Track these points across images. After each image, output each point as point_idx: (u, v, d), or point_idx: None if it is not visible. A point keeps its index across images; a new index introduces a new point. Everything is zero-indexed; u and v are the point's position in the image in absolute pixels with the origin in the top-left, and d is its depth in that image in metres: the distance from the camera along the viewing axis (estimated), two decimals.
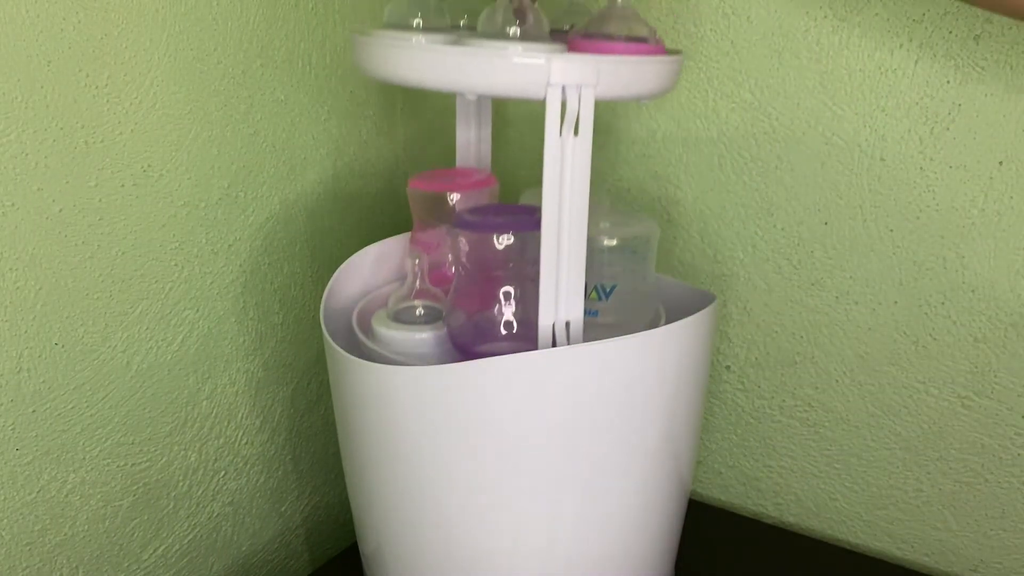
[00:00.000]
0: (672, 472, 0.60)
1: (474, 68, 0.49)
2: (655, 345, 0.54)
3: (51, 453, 0.63)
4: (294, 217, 0.79)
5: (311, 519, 0.89)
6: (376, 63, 0.52)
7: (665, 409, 0.57)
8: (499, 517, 0.56)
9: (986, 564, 0.73)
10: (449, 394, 0.53)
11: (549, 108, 0.48)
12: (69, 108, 0.59)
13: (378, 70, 0.52)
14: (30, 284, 0.59)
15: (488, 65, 0.48)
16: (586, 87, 0.49)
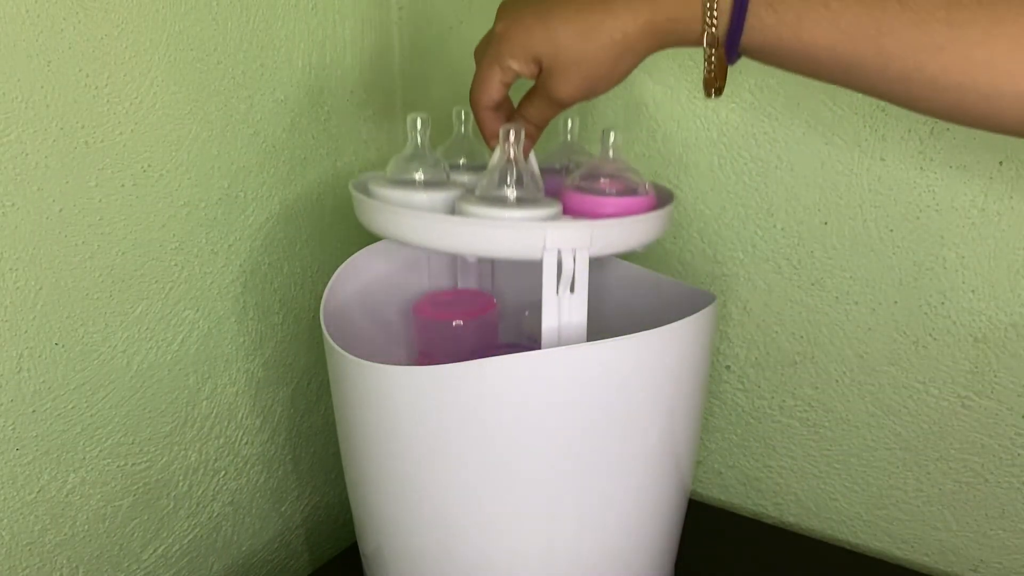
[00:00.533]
0: (672, 472, 0.60)
1: (474, 235, 0.52)
2: (655, 345, 0.54)
3: (51, 453, 0.63)
4: (294, 217, 0.79)
5: (311, 519, 0.89)
6: (381, 224, 0.55)
7: (665, 409, 0.57)
8: (499, 516, 0.56)
9: (986, 564, 0.73)
10: (449, 394, 0.53)
11: (546, 270, 0.51)
12: (69, 108, 0.59)
13: (384, 230, 0.56)
14: (30, 284, 0.59)
15: (488, 232, 0.52)
16: (580, 249, 0.51)
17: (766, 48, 0.47)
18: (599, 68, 0.50)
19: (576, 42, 0.49)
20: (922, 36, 0.43)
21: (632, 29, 0.48)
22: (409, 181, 0.57)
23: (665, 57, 0.73)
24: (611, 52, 0.49)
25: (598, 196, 0.55)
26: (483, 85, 0.54)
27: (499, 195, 0.53)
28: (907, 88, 0.45)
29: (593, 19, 0.48)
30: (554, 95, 0.52)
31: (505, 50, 0.51)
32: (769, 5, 0.46)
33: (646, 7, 0.48)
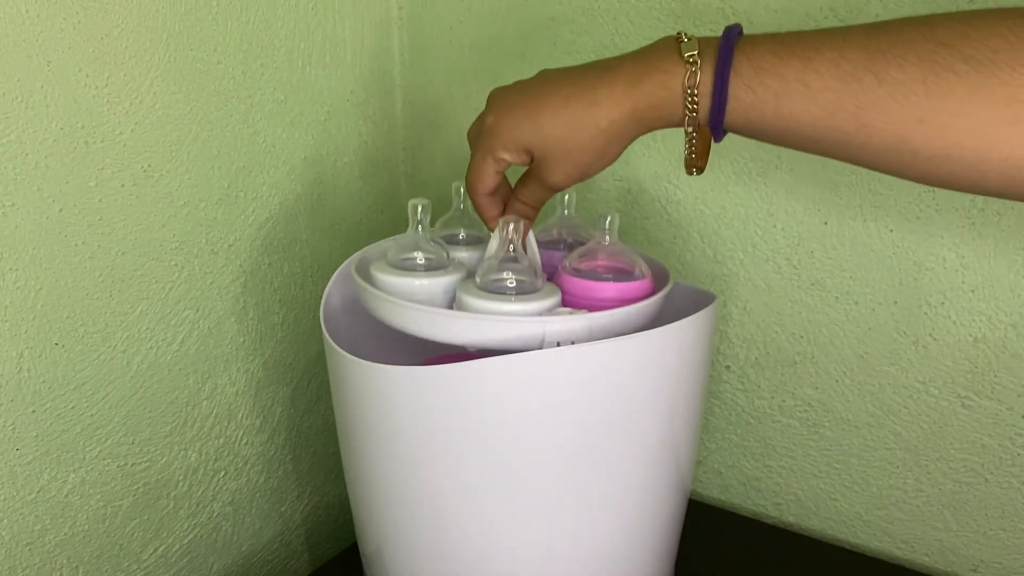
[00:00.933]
0: (672, 472, 0.60)
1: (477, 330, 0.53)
2: (655, 345, 0.54)
3: (51, 453, 0.63)
4: (294, 217, 0.79)
5: (311, 519, 0.89)
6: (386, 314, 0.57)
7: (665, 409, 0.57)
8: (499, 516, 0.56)
9: (986, 564, 0.73)
10: (449, 394, 0.53)
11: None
12: (69, 108, 0.59)
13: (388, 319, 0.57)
14: (30, 284, 0.59)
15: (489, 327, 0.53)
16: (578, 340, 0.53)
17: (749, 126, 0.48)
18: (589, 156, 0.52)
19: (564, 134, 0.51)
20: (902, 110, 0.43)
21: (617, 117, 0.50)
22: (410, 266, 0.58)
23: None
24: (599, 141, 0.51)
25: (595, 281, 0.57)
26: (478, 175, 0.56)
27: (499, 286, 0.55)
28: (892, 159, 0.46)
29: (579, 111, 0.50)
30: (547, 182, 0.54)
31: (497, 143, 0.53)
32: (748, 87, 0.46)
33: (628, 96, 0.49)
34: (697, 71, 0.47)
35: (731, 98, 0.47)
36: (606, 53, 0.76)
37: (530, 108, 0.52)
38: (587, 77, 0.51)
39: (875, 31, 0.45)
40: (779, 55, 0.46)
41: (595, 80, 0.50)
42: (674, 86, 0.48)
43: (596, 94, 0.50)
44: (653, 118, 0.50)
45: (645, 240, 0.79)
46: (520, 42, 0.80)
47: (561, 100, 0.51)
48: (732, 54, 0.47)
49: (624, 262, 0.58)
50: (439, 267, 0.58)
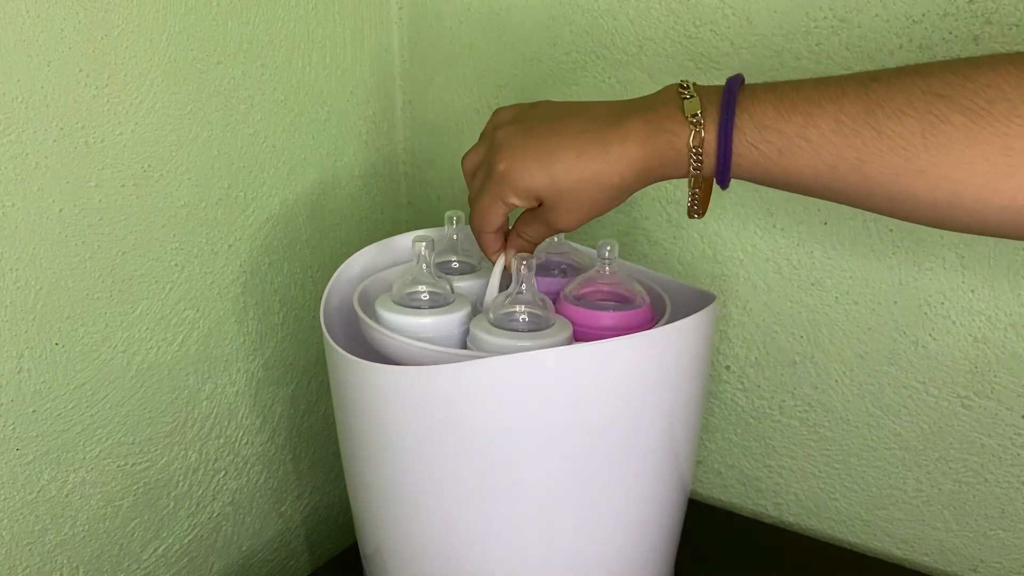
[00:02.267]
0: (672, 472, 0.60)
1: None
2: (655, 345, 0.54)
3: (51, 453, 0.63)
4: (294, 217, 0.79)
5: (311, 519, 0.89)
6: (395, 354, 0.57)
7: (665, 409, 0.57)
8: (499, 516, 0.56)
9: (986, 564, 0.73)
10: (449, 394, 0.53)
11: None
12: (69, 108, 0.59)
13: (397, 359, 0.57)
14: (30, 284, 0.59)
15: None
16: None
17: (754, 178, 0.50)
18: (598, 206, 0.54)
19: (577, 188, 0.52)
20: (902, 162, 0.45)
21: (628, 174, 0.52)
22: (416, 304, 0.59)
23: (664, 59, 0.73)
24: (609, 194, 0.53)
25: (594, 311, 0.57)
26: (486, 216, 0.57)
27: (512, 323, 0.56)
28: (895, 207, 0.47)
29: (592, 168, 0.52)
30: (555, 226, 0.56)
31: (508, 189, 0.54)
32: (751, 144, 0.48)
33: (640, 152, 0.51)
34: (701, 131, 0.49)
35: (735, 155, 0.49)
36: (606, 53, 0.76)
37: (542, 159, 0.53)
38: (599, 132, 0.52)
39: (872, 83, 0.46)
40: (780, 111, 0.47)
41: (607, 135, 0.52)
42: (680, 146, 0.50)
43: (609, 152, 0.51)
44: (661, 174, 0.52)
45: (645, 240, 0.79)
46: (520, 42, 0.80)
47: (574, 155, 0.52)
48: (734, 112, 0.48)
49: (624, 290, 0.59)
50: (444, 304, 0.59)
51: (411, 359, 0.55)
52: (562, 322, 0.56)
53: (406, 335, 0.56)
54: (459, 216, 0.65)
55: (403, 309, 0.58)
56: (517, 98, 0.82)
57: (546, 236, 0.58)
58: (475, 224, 0.58)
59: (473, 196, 0.58)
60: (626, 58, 0.75)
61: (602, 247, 0.59)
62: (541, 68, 0.80)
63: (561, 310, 0.58)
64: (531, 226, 0.58)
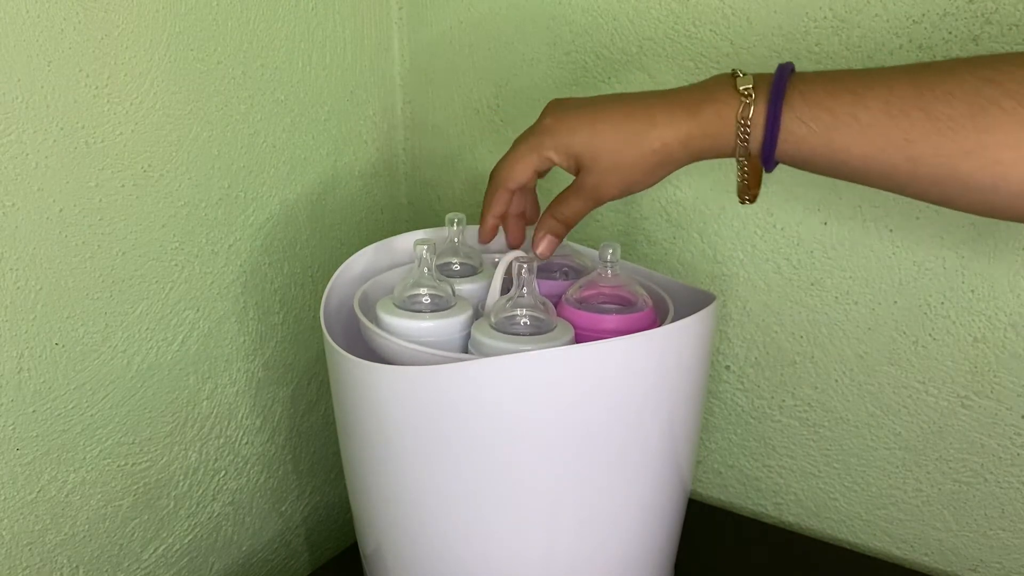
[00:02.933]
0: (672, 472, 0.60)
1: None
2: (655, 345, 0.54)
3: (51, 453, 0.63)
4: (294, 217, 0.79)
5: (311, 519, 0.89)
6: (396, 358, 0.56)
7: (665, 409, 0.57)
8: (499, 516, 0.56)
9: (986, 564, 0.73)
10: (448, 393, 0.53)
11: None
12: (69, 108, 0.59)
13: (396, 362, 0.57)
14: (30, 284, 0.59)
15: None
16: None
17: (799, 158, 0.50)
18: (637, 174, 0.53)
19: (618, 148, 0.52)
20: (950, 143, 0.45)
21: (671, 140, 0.51)
22: (417, 308, 0.58)
23: (664, 59, 0.73)
24: (650, 160, 0.52)
25: (597, 313, 0.57)
26: (516, 165, 0.56)
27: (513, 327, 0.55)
28: (940, 190, 0.47)
29: (637, 127, 0.52)
30: (593, 193, 0.55)
31: (548, 142, 0.54)
32: (799, 119, 0.48)
33: (686, 121, 0.51)
34: (751, 103, 0.49)
35: (783, 130, 0.49)
36: (605, 53, 0.76)
37: (590, 117, 0.53)
38: (647, 100, 0.53)
39: (923, 70, 0.47)
40: (830, 91, 0.48)
41: (655, 103, 0.52)
42: (728, 117, 0.50)
43: (654, 115, 0.52)
44: (705, 147, 0.52)
45: (645, 240, 0.79)
46: (520, 42, 0.80)
47: (621, 115, 0.52)
48: (785, 88, 0.49)
49: (627, 293, 0.59)
50: (446, 308, 0.59)
51: (412, 363, 0.55)
52: (564, 325, 0.56)
53: (407, 339, 0.56)
54: (460, 218, 0.65)
55: (404, 313, 0.58)
56: (517, 98, 0.82)
57: (581, 211, 0.57)
58: (499, 175, 0.57)
59: (507, 156, 0.57)
60: (626, 58, 0.75)
61: (604, 249, 0.58)
62: (541, 68, 0.80)
63: (563, 313, 0.58)
64: (566, 203, 0.57)
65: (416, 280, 0.59)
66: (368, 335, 0.58)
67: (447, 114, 0.87)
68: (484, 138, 0.86)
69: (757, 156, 0.51)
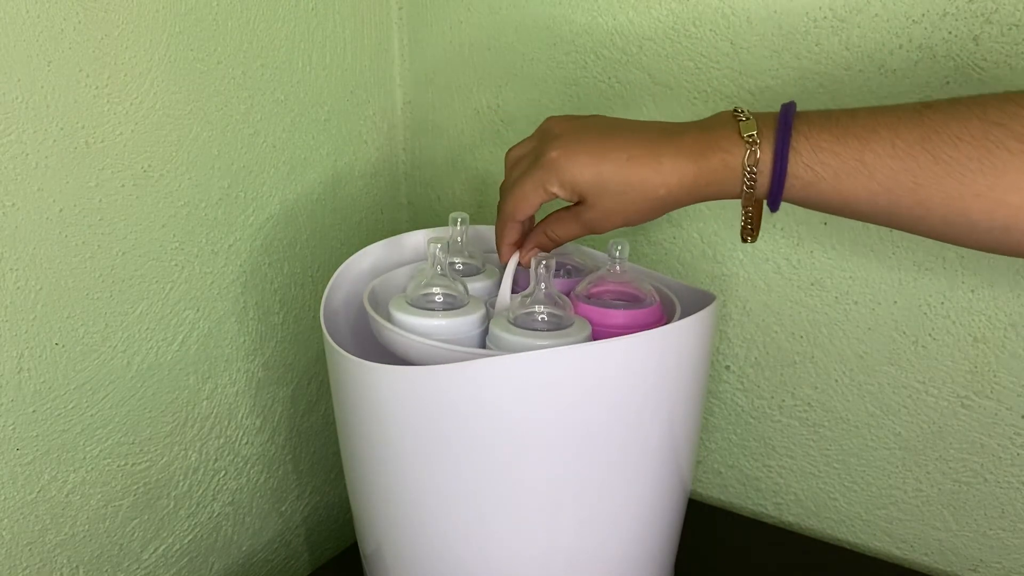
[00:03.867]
0: (673, 472, 0.60)
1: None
2: (655, 345, 0.54)
3: (51, 453, 0.63)
4: (294, 217, 0.79)
5: (311, 519, 0.89)
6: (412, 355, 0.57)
7: (666, 409, 0.57)
8: (499, 516, 0.56)
9: (986, 564, 0.73)
10: (448, 393, 0.53)
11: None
12: (69, 108, 0.59)
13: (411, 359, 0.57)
14: (30, 284, 0.59)
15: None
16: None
17: (806, 200, 0.50)
18: (638, 216, 0.54)
19: (623, 191, 0.52)
20: (958, 186, 0.45)
21: (676, 187, 0.51)
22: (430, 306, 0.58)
23: (664, 58, 0.73)
24: (653, 204, 0.53)
25: (605, 308, 0.57)
26: (522, 202, 0.56)
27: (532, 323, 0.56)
28: (949, 231, 0.47)
29: (643, 173, 0.52)
30: (590, 225, 0.55)
31: (553, 177, 0.54)
32: (806, 165, 0.48)
33: (691, 167, 0.51)
34: (756, 150, 0.49)
35: (790, 175, 0.49)
36: (605, 53, 0.76)
37: (595, 155, 0.53)
38: (653, 141, 0.52)
39: (927, 110, 0.47)
40: (835, 135, 0.48)
41: (661, 146, 0.52)
42: (734, 164, 0.50)
43: (661, 161, 0.51)
44: (711, 193, 0.52)
45: (645, 240, 0.79)
46: (520, 42, 0.81)
47: (626, 157, 0.52)
48: (790, 133, 0.49)
49: (635, 289, 0.59)
50: (460, 306, 0.59)
51: (429, 360, 0.55)
52: (581, 322, 0.56)
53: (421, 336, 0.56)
54: (464, 218, 0.65)
55: (418, 311, 0.58)
56: (517, 98, 0.82)
57: (575, 236, 0.57)
58: (507, 209, 0.57)
59: (511, 182, 0.57)
60: (626, 58, 0.75)
61: (612, 246, 0.59)
62: (541, 68, 0.80)
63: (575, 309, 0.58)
64: (562, 224, 0.57)
65: (429, 278, 0.59)
66: (382, 333, 0.58)
67: (447, 114, 0.87)
68: (484, 138, 0.86)
69: (762, 200, 0.51)
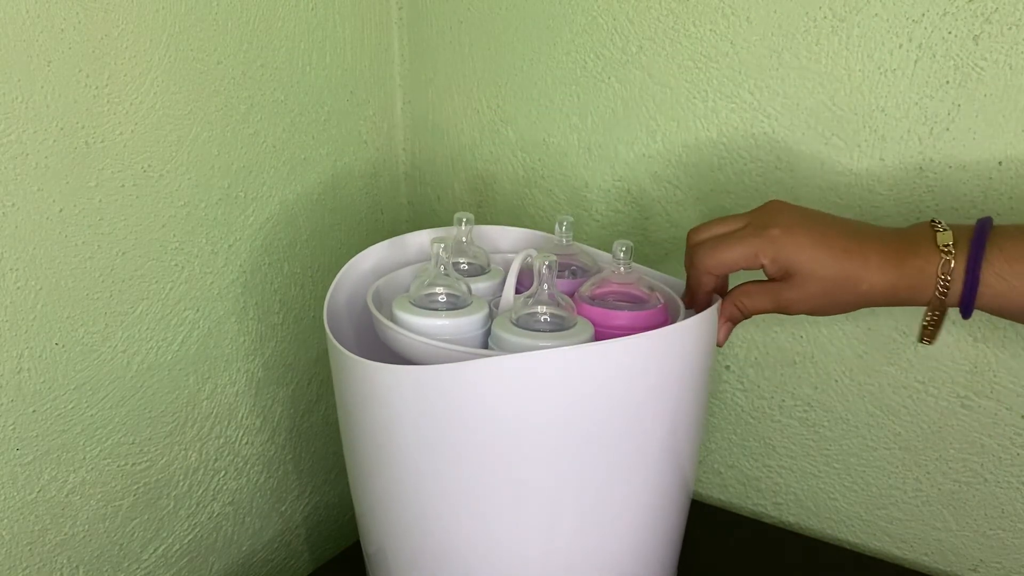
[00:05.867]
0: (675, 473, 0.60)
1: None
2: (657, 346, 0.54)
3: (51, 453, 0.63)
4: (294, 217, 0.79)
5: (311, 519, 0.89)
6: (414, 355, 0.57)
7: (668, 410, 0.57)
8: (501, 516, 0.56)
9: (985, 564, 0.73)
10: (452, 394, 0.53)
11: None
12: (69, 108, 0.59)
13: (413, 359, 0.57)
14: (30, 284, 0.59)
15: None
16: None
17: (998, 308, 0.53)
18: (834, 306, 0.56)
19: (830, 278, 0.54)
20: None
21: (878, 287, 0.54)
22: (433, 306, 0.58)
23: (664, 58, 0.73)
24: (852, 299, 0.55)
25: (609, 310, 0.57)
26: (727, 260, 0.56)
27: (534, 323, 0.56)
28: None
29: (852, 267, 0.54)
30: (784, 305, 0.57)
31: (770, 250, 0.55)
32: (999, 275, 0.51)
33: (893, 272, 0.53)
34: (951, 260, 0.52)
35: (982, 284, 0.51)
36: (605, 53, 0.76)
37: (815, 241, 0.54)
38: (863, 240, 0.54)
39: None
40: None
41: (871, 244, 0.54)
42: (929, 272, 0.53)
43: (869, 259, 0.54)
44: (905, 298, 0.54)
45: (645, 241, 0.79)
46: (520, 42, 0.81)
47: (841, 249, 0.54)
48: (984, 244, 0.51)
49: (639, 290, 0.59)
50: (463, 306, 0.59)
51: (431, 360, 0.55)
52: (583, 323, 0.56)
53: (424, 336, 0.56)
54: (468, 218, 0.64)
55: (421, 311, 0.58)
56: (517, 98, 0.82)
57: (764, 311, 0.58)
58: (708, 262, 0.57)
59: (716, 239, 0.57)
60: (626, 58, 0.75)
61: (617, 247, 0.58)
62: (541, 68, 0.80)
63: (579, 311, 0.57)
64: (754, 298, 0.58)
65: (432, 278, 0.59)
66: (387, 333, 0.58)
67: (447, 114, 0.87)
68: (484, 138, 0.86)
69: (952, 306, 0.53)
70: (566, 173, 0.82)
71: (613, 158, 0.79)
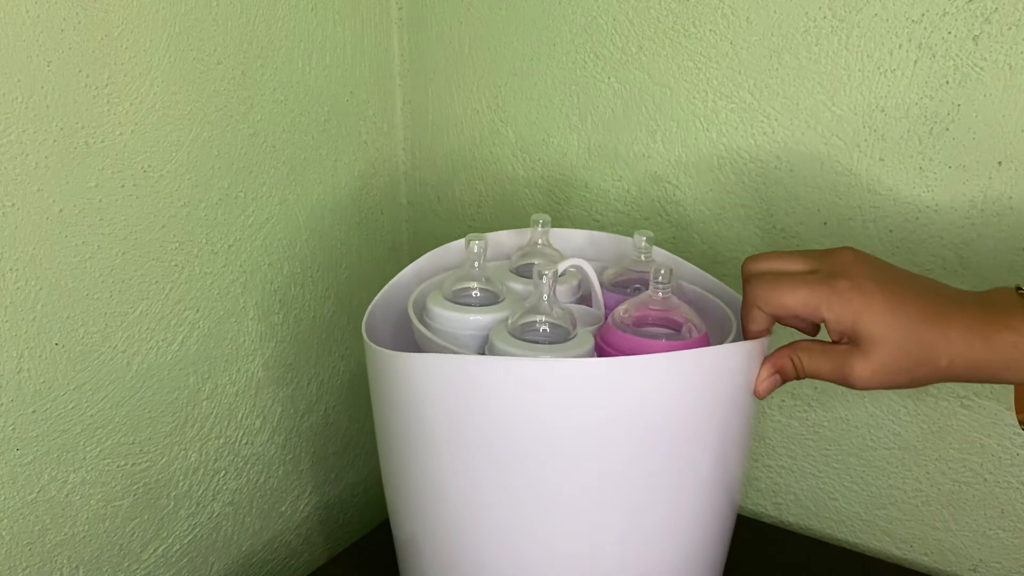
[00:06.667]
0: (723, 491, 0.57)
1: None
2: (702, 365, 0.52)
3: (51, 453, 0.63)
4: (294, 217, 0.79)
5: (311, 519, 0.89)
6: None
7: (718, 427, 0.54)
8: (540, 525, 0.54)
9: (985, 564, 0.73)
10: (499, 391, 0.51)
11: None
12: (69, 108, 0.59)
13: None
14: (30, 284, 0.59)
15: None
16: None
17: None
18: (910, 380, 0.49)
19: (905, 349, 0.48)
20: None
21: (959, 362, 0.47)
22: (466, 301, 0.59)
23: (664, 59, 0.73)
24: (929, 372, 0.48)
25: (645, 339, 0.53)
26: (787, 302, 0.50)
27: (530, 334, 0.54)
28: None
29: (930, 337, 0.47)
30: (848, 376, 0.49)
31: (836, 305, 0.48)
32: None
33: (982, 346, 0.47)
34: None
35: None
36: (605, 53, 0.76)
37: (890, 306, 0.48)
38: (944, 306, 0.48)
39: None
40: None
41: (951, 314, 0.48)
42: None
43: (950, 329, 0.47)
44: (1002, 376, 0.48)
45: None
46: (520, 42, 0.81)
47: (918, 315, 0.48)
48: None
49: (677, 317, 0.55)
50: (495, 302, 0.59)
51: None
52: (583, 336, 0.54)
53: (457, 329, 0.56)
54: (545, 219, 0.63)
55: (453, 305, 0.57)
56: (517, 98, 0.82)
57: (824, 378, 0.51)
58: (762, 297, 0.51)
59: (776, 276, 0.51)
60: (626, 58, 0.75)
61: (655, 270, 0.54)
62: (541, 68, 0.80)
63: (607, 335, 0.55)
64: (815, 359, 0.51)
65: (466, 274, 0.59)
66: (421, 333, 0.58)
67: (447, 114, 0.87)
68: (484, 138, 0.86)
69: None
70: (566, 173, 0.82)
71: (613, 158, 0.79)
